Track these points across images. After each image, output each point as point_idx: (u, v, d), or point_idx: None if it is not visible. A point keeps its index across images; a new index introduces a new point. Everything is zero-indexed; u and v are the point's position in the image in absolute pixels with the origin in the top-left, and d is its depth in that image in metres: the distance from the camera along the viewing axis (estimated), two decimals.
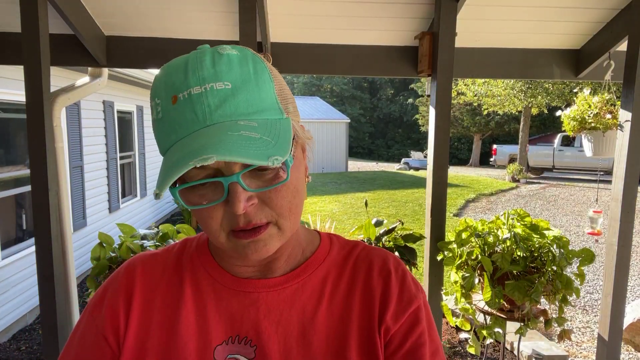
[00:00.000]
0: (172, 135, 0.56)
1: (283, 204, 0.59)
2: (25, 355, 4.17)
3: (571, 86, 14.51)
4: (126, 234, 2.78)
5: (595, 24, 2.88)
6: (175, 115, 0.56)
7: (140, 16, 2.74)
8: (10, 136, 4.71)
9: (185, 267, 0.70)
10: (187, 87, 0.56)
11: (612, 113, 2.80)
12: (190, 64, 0.57)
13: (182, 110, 0.55)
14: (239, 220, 0.57)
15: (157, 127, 0.59)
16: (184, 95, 0.56)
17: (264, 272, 0.67)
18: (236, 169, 0.55)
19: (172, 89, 0.56)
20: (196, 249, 0.72)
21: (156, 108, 0.58)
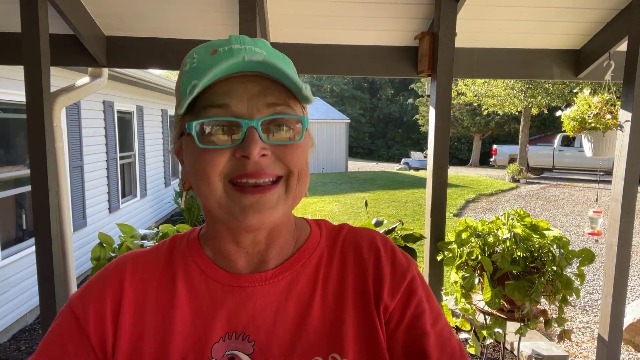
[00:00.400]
0: (208, 72, 0.56)
1: (296, 161, 0.60)
2: (25, 355, 4.17)
3: (571, 86, 14.52)
4: (126, 234, 2.78)
5: (595, 24, 2.88)
6: (212, 61, 0.59)
7: (140, 16, 2.74)
8: (10, 136, 4.71)
9: (177, 265, 0.68)
10: (228, 44, 0.61)
11: (612, 113, 2.80)
12: (233, 35, 0.63)
13: (220, 57, 0.59)
14: (247, 167, 0.57)
15: (188, 74, 0.61)
16: (224, 48, 0.60)
17: (257, 265, 0.66)
18: (256, 116, 0.57)
19: (212, 47, 0.62)
20: (187, 246, 0.70)
21: (191, 61, 0.62)
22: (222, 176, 0.58)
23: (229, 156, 0.58)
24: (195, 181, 0.60)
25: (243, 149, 0.56)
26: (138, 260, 0.69)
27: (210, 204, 0.60)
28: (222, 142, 0.57)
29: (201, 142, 0.58)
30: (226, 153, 0.58)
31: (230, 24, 2.74)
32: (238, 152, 0.57)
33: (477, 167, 25.44)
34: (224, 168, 0.58)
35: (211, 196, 0.59)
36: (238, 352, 0.62)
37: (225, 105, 0.57)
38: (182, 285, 0.66)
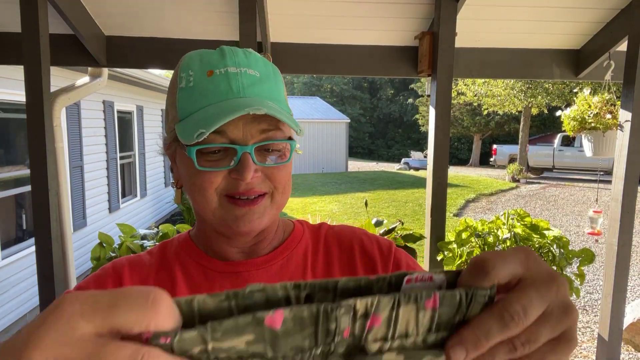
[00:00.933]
0: (203, 100, 0.64)
1: (282, 180, 0.67)
2: None
3: (571, 86, 14.52)
4: (126, 234, 2.78)
5: (595, 24, 2.88)
6: (209, 85, 0.64)
7: (140, 16, 2.74)
8: (10, 136, 4.71)
9: (173, 263, 0.72)
10: (224, 65, 0.66)
11: (612, 113, 2.80)
12: (226, 51, 0.67)
13: (217, 83, 0.64)
14: (240, 187, 0.64)
15: (185, 94, 0.66)
16: (220, 71, 0.65)
17: (249, 255, 0.72)
18: (250, 142, 0.64)
19: (208, 65, 0.66)
20: (179, 245, 0.75)
21: (187, 78, 0.66)
22: (218, 191, 0.65)
23: (225, 175, 0.64)
24: (190, 192, 0.67)
25: (238, 172, 0.63)
26: (135, 261, 0.73)
27: (205, 212, 0.66)
28: (218, 165, 0.64)
29: (200, 164, 0.63)
30: (222, 172, 0.64)
31: (230, 24, 2.75)
32: (233, 174, 0.64)
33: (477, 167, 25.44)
34: (220, 185, 0.64)
35: (207, 206, 0.66)
36: None
37: (222, 131, 0.63)
38: (181, 280, 0.70)
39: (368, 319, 0.29)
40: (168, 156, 0.73)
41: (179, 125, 0.65)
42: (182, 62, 0.69)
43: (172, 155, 0.71)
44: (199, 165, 0.63)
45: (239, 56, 0.67)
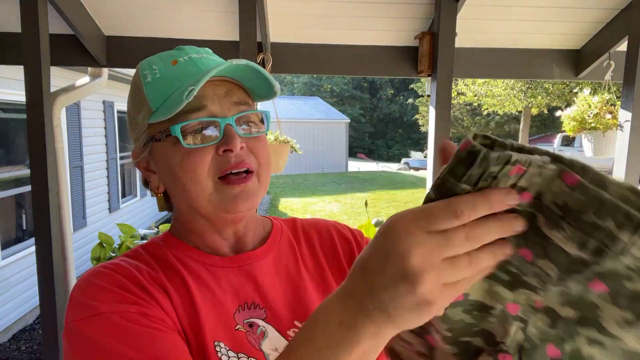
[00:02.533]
0: (175, 83, 0.65)
1: (263, 155, 0.69)
2: (25, 355, 4.18)
3: (571, 86, 14.51)
4: (126, 234, 2.78)
5: (595, 24, 2.88)
6: (177, 71, 0.66)
7: (140, 16, 2.74)
8: (10, 136, 4.71)
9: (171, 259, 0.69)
10: (185, 54, 0.68)
11: (612, 113, 2.80)
12: (182, 46, 0.71)
13: (184, 67, 0.66)
14: (231, 160, 0.64)
15: (154, 85, 0.66)
16: (184, 58, 0.68)
17: (238, 248, 0.73)
18: (230, 114, 0.66)
19: (170, 57, 0.68)
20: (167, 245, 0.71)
21: (152, 72, 0.67)
22: (211, 173, 0.65)
23: (213, 154, 0.64)
24: (181, 183, 0.65)
25: (226, 144, 0.64)
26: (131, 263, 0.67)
27: (199, 201, 0.66)
28: (205, 141, 0.64)
29: (187, 142, 0.63)
30: (210, 151, 0.64)
31: (230, 24, 2.75)
32: (221, 148, 0.64)
33: None
34: (211, 165, 0.64)
35: (201, 194, 0.65)
36: (254, 319, 0.68)
37: (203, 106, 0.64)
38: (185, 272, 0.68)
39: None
40: (140, 166, 0.71)
41: (156, 114, 0.65)
42: (139, 67, 0.70)
43: (146, 161, 0.70)
44: (185, 142, 0.63)
45: (196, 48, 0.71)
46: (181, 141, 0.63)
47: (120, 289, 0.60)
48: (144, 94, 0.67)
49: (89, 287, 0.60)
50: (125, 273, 0.63)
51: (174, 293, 0.64)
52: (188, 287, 0.66)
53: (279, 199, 13.09)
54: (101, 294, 0.59)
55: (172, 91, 0.64)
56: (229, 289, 0.69)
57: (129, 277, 0.62)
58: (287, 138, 3.16)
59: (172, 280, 0.66)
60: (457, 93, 18.24)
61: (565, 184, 0.37)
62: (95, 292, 0.60)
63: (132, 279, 0.62)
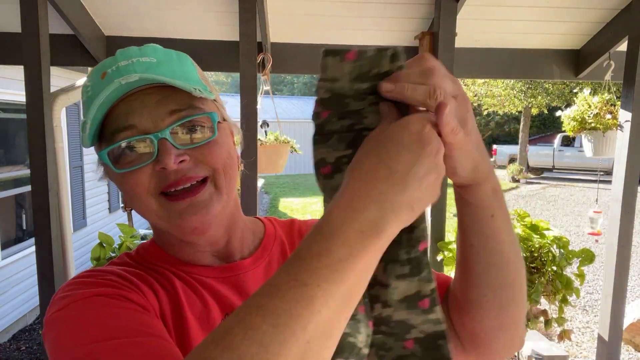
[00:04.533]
0: (100, 99, 0.58)
1: (217, 160, 0.61)
2: (25, 355, 4.18)
3: (571, 86, 14.51)
4: (126, 234, 2.78)
5: (595, 24, 2.87)
6: (103, 85, 0.59)
7: (140, 16, 2.74)
8: (10, 136, 4.71)
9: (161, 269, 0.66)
10: (114, 63, 0.62)
11: (612, 113, 2.80)
12: (119, 51, 0.64)
13: (110, 80, 0.59)
14: (169, 177, 0.58)
15: (87, 105, 0.62)
16: (112, 69, 0.61)
17: (224, 256, 0.69)
18: (164, 125, 0.59)
19: (102, 68, 0.62)
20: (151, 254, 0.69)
21: (86, 90, 0.63)
22: (151, 191, 0.60)
23: (151, 171, 0.59)
24: (129, 202, 0.63)
25: (159, 162, 0.58)
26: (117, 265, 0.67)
27: (150, 218, 0.62)
28: (139, 161, 0.59)
29: (118, 167, 0.59)
30: (147, 169, 0.59)
31: (230, 24, 2.74)
32: (157, 166, 0.58)
33: None
34: (150, 184, 0.59)
35: (148, 211, 0.61)
36: None
37: (130, 125, 0.59)
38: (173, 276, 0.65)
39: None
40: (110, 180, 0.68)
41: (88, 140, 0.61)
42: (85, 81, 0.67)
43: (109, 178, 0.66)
44: (118, 168, 0.59)
45: (130, 51, 0.64)
46: (112, 167, 0.59)
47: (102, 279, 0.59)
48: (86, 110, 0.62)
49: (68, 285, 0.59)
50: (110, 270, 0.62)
51: (161, 291, 0.62)
52: (175, 288, 0.63)
53: (279, 199, 13.08)
54: (81, 286, 0.58)
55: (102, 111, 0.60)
56: (215, 296, 0.66)
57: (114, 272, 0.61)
58: (287, 138, 3.16)
59: (159, 280, 0.64)
60: None
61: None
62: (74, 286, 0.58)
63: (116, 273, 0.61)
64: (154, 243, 0.71)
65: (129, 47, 0.65)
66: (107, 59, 0.64)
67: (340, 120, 0.48)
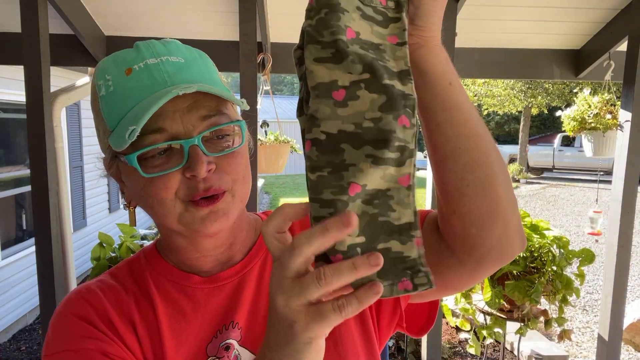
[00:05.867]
0: (128, 101, 0.57)
1: (239, 169, 0.62)
2: (25, 355, 4.17)
3: (571, 86, 14.51)
4: (126, 234, 2.78)
5: (595, 24, 2.87)
6: (131, 84, 0.58)
7: (140, 16, 2.74)
8: (10, 136, 4.71)
9: (147, 284, 0.67)
10: (142, 59, 0.59)
11: (612, 113, 2.80)
12: (141, 45, 0.60)
13: (139, 78, 0.58)
14: (199, 186, 0.58)
15: (108, 101, 0.59)
16: (139, 65, 0.58)
17: (225, 262, 0.68)
18: (195, 133, 0.58)
19: (124, 63, 0.59)
20: (148, 262, 0.69)
21: (106, 84, 0.59)
22: (179, 196, 0.59)
23: (179, 177, 0.58)
24: (148, 204, 0.61)
25: (191, 169, 0.57)
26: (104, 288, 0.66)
27: (168, 221, 0.61)
28: (168, 167, 0.57)
29: (146, 171, 0.57)
30: (176, 174, 0.58)
31: (230, 24, 2.74)
32: (187, 172, 0.57)
33: None
34: (178, 190, 0.58)
35: (169, 215, 0.60)
36: (230, 340, 0.65)
37: (160, 129, 0.57)
38: (160, 302, 0.65)
39: None
40: (113, 177, 0.66)
41: (112, 137, 0.58)
42: (96, 70, 0.62)
43: (117, 174, 0.65)
44: (145, 172, 0.57)
45: (156, 47, 0.60)
46: (140, 172, 0.57)
47: (87, 322, 0.62)
48: (99, 108, 0.60)
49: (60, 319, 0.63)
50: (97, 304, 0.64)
51: (141, 327, 0.64)
52: (158, 318, 0.64)
53: (279, 199, 13.09)
54: (68, 328, 0.62)
55: (125, 110, 0.57)
56: (209, 314, 0.66)
57: (99, 310, 0.63)
58: (287, 138, 3.16)
59: (142, 309, 0.65)
60: None
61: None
62: (63, 326, 0.63)
63: (101, 311, 0.63)
64: (155, 249, 0.71)
65: (152, 42, 0.61)
66: (128, 52, 0.60)
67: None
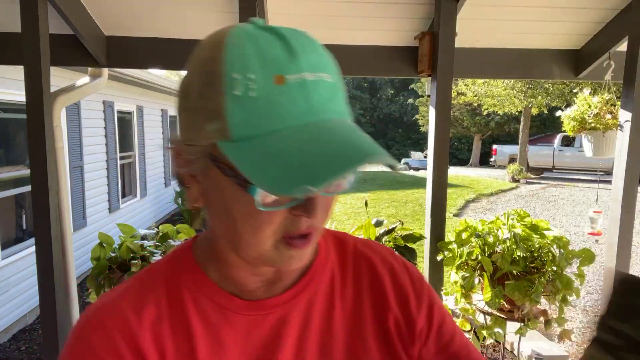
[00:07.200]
0: (275, 120, 0.46)
1: (330, 211, 0.57)
2: (25, 355, 4.17)
3: (571, 86, 14.52)
4: (126, 234, 2.78)
5: (595, 24, 2.87)
6: (281, 99, 0.47)
7: (140, 16, 2.74)
8: (10, 136, 4.71)
9: (184, 299, 0.59)
10: (297, 68, 0.48)
11: (612, 113, 2.80)
12: (294, 45, 0.49)
13: (292, 96, 0.47)
14: (302, 226, 0.52)
15: (245, 105, 0.46)
16: (295, 78, 0.47)
17: (271, 285, 0.61)
18: None
19: (275, 66, 0.47)
20: (185, 273, 0.61)
21: (245, 83, 0.47)
22: (276, 232, 0.52)
23: (286, 213, 0.51)
24: (235, 228, 0.53)
25: (306, 211, 0.50)
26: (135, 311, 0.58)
27: (249, 251, 0.54)
28: (284, 202, 0.50)
29: (263, 204, 0.49)
30: (282, 211, 0.51)
31: (230, 24, 2.74)
32: (298, 211, 0.51)
33: (477, 167, 25.44)
34: (280, 225, 0.51)
35: (255, 247, 0.53)
36: None
37: None
38: (199, 328, 0.58)
39: None
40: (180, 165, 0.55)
41: (234, 148, 0.47)
42: (227, 50, 0.48)
43: (195, 171, 0.54)
44: (262, 205, 0.49)
45: (310, 54, 0.49)
46: (257, 203, 0.48)
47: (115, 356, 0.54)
48: (223, 104, 0.47)
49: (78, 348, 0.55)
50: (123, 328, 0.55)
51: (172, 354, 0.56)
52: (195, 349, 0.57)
53: None
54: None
55: (268, 129, 0.46)
56: (248, 346, 0.59)
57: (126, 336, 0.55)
58: None
59: (178, 336, 0.57)
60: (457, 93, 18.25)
61: None
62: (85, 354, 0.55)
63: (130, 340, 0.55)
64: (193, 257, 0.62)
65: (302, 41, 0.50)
66: (277, 50, 0.48)
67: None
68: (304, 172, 0.43)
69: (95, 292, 2.67)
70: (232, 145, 0.47)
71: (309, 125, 0.47)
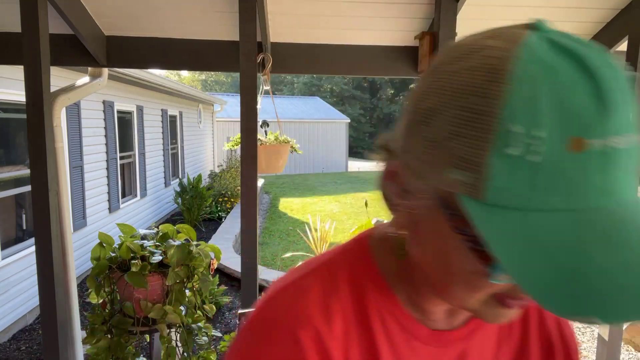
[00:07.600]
0: (555, 195, 0.34)
1: None
2: (25, 355, 4.17)
3: None
4: (126, 234, 2.78)
5: (595, 24, 2.88)
6: (571, 171, 0.34)
7: (140, 16, 2.74)
8: (10, 136, 4.71)
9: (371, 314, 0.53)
10: (604, 131, 0.34)
11: None
12: (603, 82, 0.34)
13: (586, 169, 0.34)
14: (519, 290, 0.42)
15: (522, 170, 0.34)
16: (599, 145, 0.34)
17: (452, 313, 0.57)
18: None
19: (575, 126, 0.34)
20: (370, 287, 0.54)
21: (529, 142, 0.34)
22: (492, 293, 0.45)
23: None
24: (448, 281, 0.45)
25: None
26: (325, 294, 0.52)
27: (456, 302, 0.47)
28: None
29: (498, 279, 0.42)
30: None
31: (230, 24, 2.75)
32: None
33: None
34: (500, 288, 0.43)
35: (464, 302, 0.46)
36: None
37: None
38: (383, 346, 0.53)
39: None
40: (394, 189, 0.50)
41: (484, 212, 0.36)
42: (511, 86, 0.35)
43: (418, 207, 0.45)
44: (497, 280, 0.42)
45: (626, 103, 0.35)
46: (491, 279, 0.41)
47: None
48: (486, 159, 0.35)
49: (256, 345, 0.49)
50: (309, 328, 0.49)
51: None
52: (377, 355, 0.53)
53: (279, 198, 13.09)
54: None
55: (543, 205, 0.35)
56: None
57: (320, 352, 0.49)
58: (287, 138, 3.17)
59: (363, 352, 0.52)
60: None
61: None
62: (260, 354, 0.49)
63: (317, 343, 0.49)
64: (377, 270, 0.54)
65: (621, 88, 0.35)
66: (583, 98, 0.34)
67: None
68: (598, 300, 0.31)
69: (95, 292, 2.67)
70: (483, 208, 0.36)
71: (603, 212, 0.34)
